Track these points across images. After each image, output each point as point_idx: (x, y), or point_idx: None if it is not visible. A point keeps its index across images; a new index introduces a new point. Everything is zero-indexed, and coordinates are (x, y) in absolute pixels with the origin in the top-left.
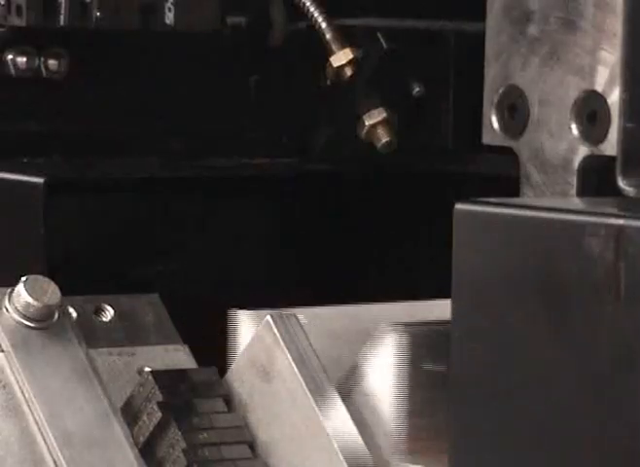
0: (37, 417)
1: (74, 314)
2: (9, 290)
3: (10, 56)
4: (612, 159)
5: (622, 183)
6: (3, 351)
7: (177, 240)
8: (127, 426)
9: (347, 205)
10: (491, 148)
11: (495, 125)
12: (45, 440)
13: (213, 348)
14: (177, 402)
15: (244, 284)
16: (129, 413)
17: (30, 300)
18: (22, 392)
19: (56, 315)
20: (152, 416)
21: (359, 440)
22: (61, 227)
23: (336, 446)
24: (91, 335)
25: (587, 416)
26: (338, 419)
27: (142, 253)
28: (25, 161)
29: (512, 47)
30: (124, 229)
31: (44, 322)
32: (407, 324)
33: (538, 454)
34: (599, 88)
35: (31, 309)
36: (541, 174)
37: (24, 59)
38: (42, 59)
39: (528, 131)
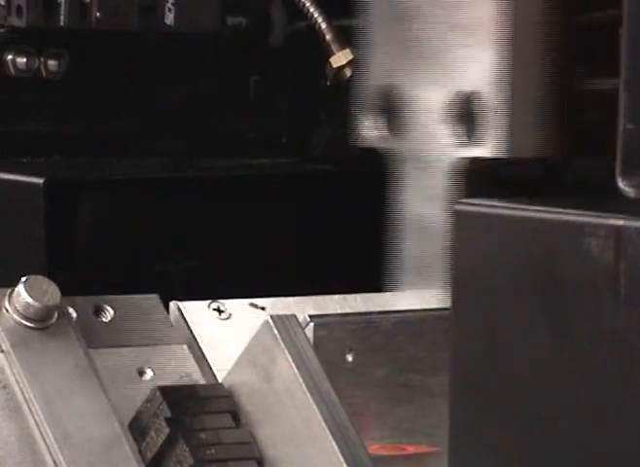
0: (37, 418)
1: (74, 314)
2: (9, 290)
3: (10, 56)
4: (487, 160)
5: (621, 184)
6: (3, 351)
7: (177, 240)
8: (135, 442)
9: (347, 205)
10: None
11: (370, 125)
12: (45, 440)
13: None
14: (185, 417)
15: (244, 284)
16: (137, 429)
17: (30, 300)
18: (22, 392)
19: (56, 315)
20: (160, 432)
21: (359, 440)
22: (61, 227)
23: (336, 446)
24: (91, 335)
25: (588, 416)
26: (338, 419)
27: (142, 253)
28: (25, 161)
29: (386, 46)
30: (124, 229)
31: (44, 322)
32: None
33: (538, 454)
34: (474, 88)
35: (31, 309)
36: (417, 175)
37: (24, 59)
38: (42, 59)
39: (403, 132)
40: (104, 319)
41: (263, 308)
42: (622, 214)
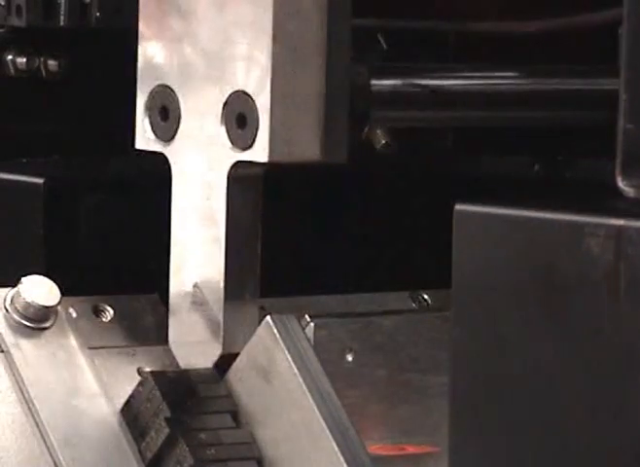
0: (37, 418)
1: (74, 314)
2: (9, 290)
3: (10, 56)
4: (260, 165)
5: (621, 184)
6: (3, 351)
7: None
8: (135, 442)
9: (347, 205)
10: (492, 149)
11: (147, 128)
12: (45, 440)
13: None
14: (185, 417)
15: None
16: (137, 429)
17: (30, 300)
18: (22, 392)
19: (56, 315)
20: (160, 432)
21: (359, 440)
22: (61, 227)
23: (335, 446)
24: (91, 335)
25: (588, 416)
26: (338, 419)
27: (142, 253)
28: (25, 161)
29: (162, 43)
30: (124, 229)
31: (44, 322)
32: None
33: (538, 454)
34: (249, 89)
35: (31, 310)
36: (192, 181)
37: (24, 59)
38: (42, 59)
39: (179, 136)
40: (104, 319)
41: (262, 308)
42: (621, 214)
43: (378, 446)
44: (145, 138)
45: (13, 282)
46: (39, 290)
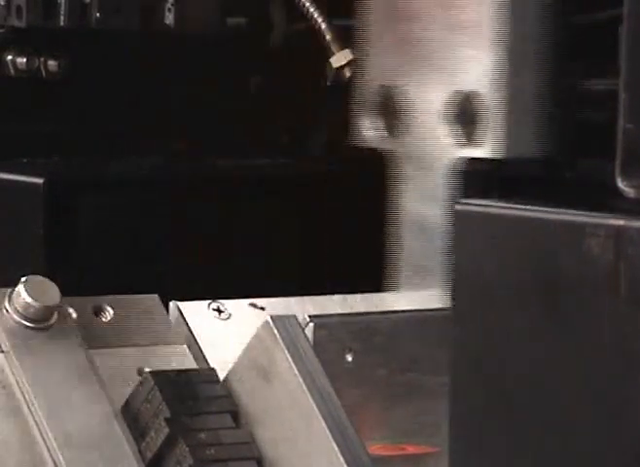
0: (37, 418)
1: (74, 315)
2: (9, 290)
3: (10, 57)
4: (486, 160)
5: (621, 184)
6: (3, 352)
7: (177, 240)
8: (135, 442)
9: (347, 205)
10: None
11: (368, 125)
12: (45, 440)
13: None
14: (185, 418)
15: (244, 283)
16: (137, 429)
17: (30, 300)
18: (22, 393)
19: (56, 315)
20: (159, 433)
21: (359, 440)
22: (61, 227)
23: (335, 446)
24: (91, 335)
25: (588, 416)
26: (338, 419)
27: (142, 253)
28: (25, 161)
29: (386, 46)
30: (124, 229)
31: (44, 322)
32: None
33: (538, 454)
34: (473, 88)
35: (31, 310)
36: (416, 175)
37: (24, 60)
38: (42, 59)
39: (403, 133)
40: (104, 319)
41: (262, 308)
42: (621, 214)
43: (378, 446)
44: (367, 135)
45: (13, 282)
46: (39, 290)
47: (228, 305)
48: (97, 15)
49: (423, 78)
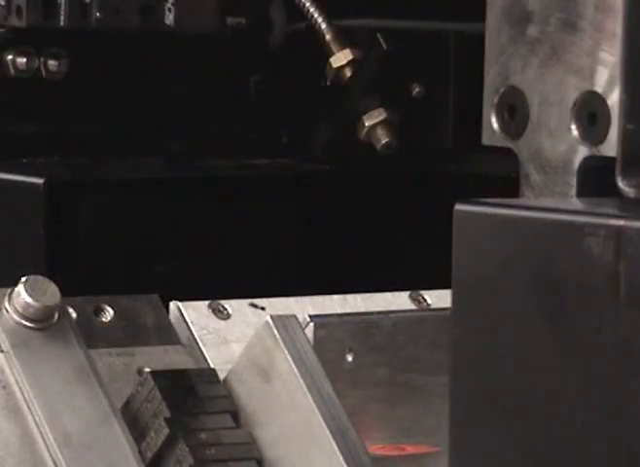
0: (37, 418)
1: (74, 315)
2: (9, 290)
3: (10, 57)
4: (612, 160)
5: (621, 184)
6: (3, 352)
7: (177, 240)
8: (135, 442)
9: (347, 205)
10: (491, 148)
11: (495, 125)
12: (45, 440)
13: None
14: (185, 418)
15: (244, 283)
16: (137, 429)
17: (30, 300)
18: (22, 392)
19: (56, 316)
20: (159, 433)
21: (359, 440)
22: (61, 227)
23: (335, 446)
24: (91, 335)
25: (588, 416)
26: (338, 419)
27: (142, 253)
28: (25, 161)
29: (511, 47)
30: (124, 229)
31: (44, 322)
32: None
33: (538, 455)
34: (599, 88)
35: (31, 310)
36: (540, 175)
37: (24, 59)
38: (42, 59)
39: (528, 132)
40: (104, 319)
41: (263, 308)
42: (621, 214)
43: (378, 446)
44: (493, 134)
45: (13, 282)
46: (39, 290)
47: (228, 304)
48: (97, 15)
49: (549, 78)
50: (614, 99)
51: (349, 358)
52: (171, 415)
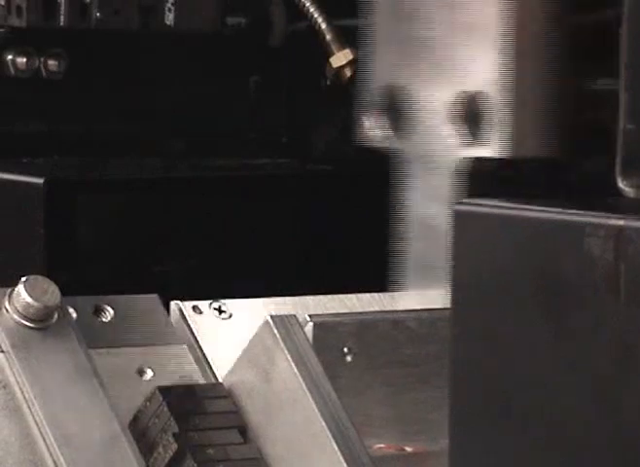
0: (37, 418)
1: (74, 314)
2: (9, 290)
3: (10, 57)
4: (491, 160)
5: (621, 184)
6: (3, 351)
7: (177, 241)
8: (141, 455)
9: (347, 205)
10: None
11: (374, 125)
12: (45, 440)
13: None
14: (193, 433)
15: (244, 283)
16: (144, 444)
17: (30, 300)
18: (22, 392)
19: (56, 316)
20: (167, 448)
21: (359, 440)
22: (61, 227)
23: (335, 446)
24: (91, 335)
25: (587, 416)
26: (338, 419)
27: (142, 253)
28: (25, 161)
29: (391, 46)
30: (124, 229)
31: (44, 322)
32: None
33: (538, 454)
34: (480, 89)
35: (31, 310)
36: (422, 175)
37: (24, 59)
38: (42, 59)
39: (408, 132)
40: (104, 319)
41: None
42: (622, 214)
43: (378, 446)
44: (372, 134)
45: (13, 282)
46: (39, 290)
47: (228, 304)
48: (97, 15)
49: (428, 77)
50: (494, 100)
51: (349, 358)
52: (179, 431)
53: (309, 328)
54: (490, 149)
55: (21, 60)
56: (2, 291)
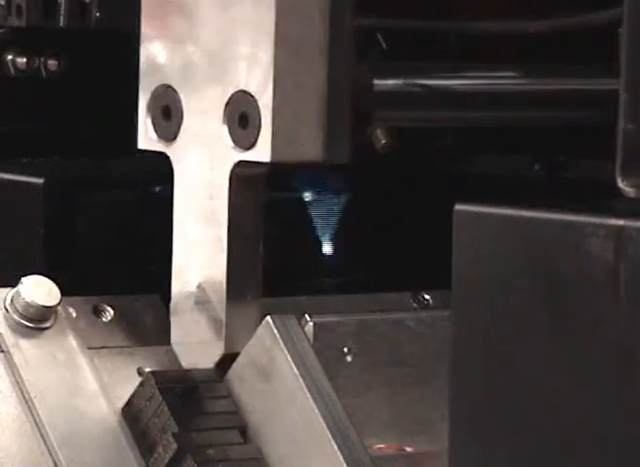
0: (37, 418)
1: (74, 314)
2: (9, 290)
3: (10, 56)
4: (262, 164)
5: (621, 184)
6: (3, 351)
7: None
8: (141, 455)
9: (347, 205)
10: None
11: (150, 128)
12: (45, 440)
13: None
14: (192, 434)
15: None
16: (144, 445)
17: (30, 300)
18: (22, 392)
19: (56, 315)
20: (167, 448)
21: (359, 440)
22: (61, 227)
23: (335, 446)
24: (91, 335)
25: (588, 416)
26: (338, 419)
27: (142, 253)
28: (25, 161)
29: (163, 43)
30: (124, 229)
31: (44, 322)
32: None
33: (538, 454)
34: (251, 89)
35: (31, 310)
36: (191, 182)
37: (24, 59)
38: (42, 59)
39: (180, 136)
40: (104, 319)
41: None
42: (621, 214)
43: (378, 446)
44: (147, 138)
45: (13, 282)
46: (39, 290)
47: None
48: (97, 15)
49: (201, 78)
50: (266, 100)
51: (349, 358)
52: (179, 431)
53: (309, 328)
54: (260, 152)
55: (21, 60)
56: (2, 291)
